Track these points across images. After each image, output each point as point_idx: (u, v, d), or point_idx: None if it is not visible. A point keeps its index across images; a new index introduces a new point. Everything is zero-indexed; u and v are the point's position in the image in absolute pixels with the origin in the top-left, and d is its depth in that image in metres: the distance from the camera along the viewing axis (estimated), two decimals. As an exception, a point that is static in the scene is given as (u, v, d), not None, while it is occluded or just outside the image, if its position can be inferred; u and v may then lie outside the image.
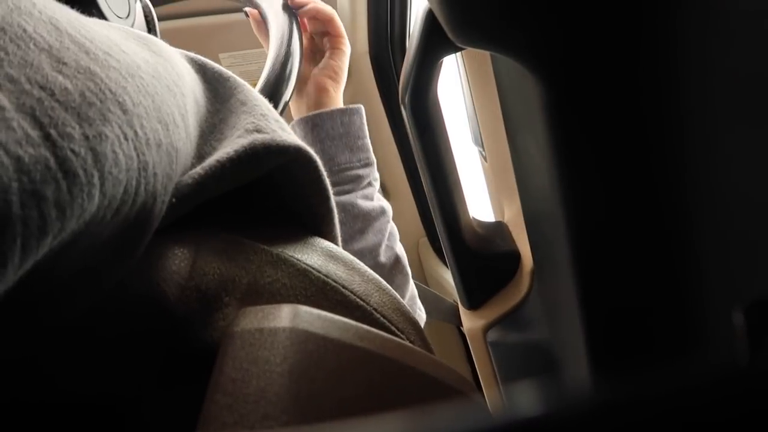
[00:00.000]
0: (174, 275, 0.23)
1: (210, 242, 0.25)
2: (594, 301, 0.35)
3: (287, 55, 0.61)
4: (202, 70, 0.30)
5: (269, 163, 0.27)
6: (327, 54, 0.71)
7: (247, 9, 0.70)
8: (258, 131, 0.27)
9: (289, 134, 0.28)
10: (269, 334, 0.20)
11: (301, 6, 0.67)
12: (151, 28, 0.59)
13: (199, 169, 0.24)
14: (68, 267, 0.18)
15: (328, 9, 0.69)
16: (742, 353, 0.15)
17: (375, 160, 0.70)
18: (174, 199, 0.23)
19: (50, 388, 0.20)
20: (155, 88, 0.21)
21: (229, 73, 0.31)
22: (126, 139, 0.18)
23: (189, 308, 0.22)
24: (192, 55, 0.30)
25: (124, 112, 0.18)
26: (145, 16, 0.58)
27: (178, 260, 0.23)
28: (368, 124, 1.35)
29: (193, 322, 0.22)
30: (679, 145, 0.28)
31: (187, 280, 0.23)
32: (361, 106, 0.70)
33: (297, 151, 0.28)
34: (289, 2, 0.66)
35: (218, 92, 0.29)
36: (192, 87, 0.27)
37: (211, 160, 0.25)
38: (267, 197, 0.30)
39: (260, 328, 0.20)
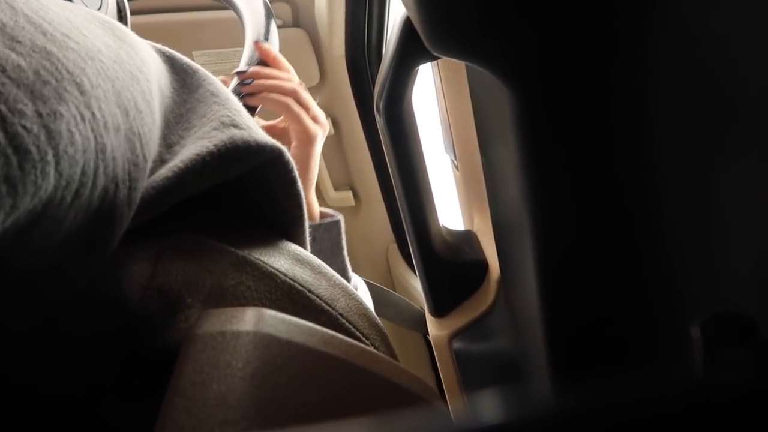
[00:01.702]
0: (136, 275, 0.22)
1: (174, 242, 0.24)
2: (557, 312, 0.36)
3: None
4: (170, 61, 0.29)
5: (248, 162, 0.26)
6: (293, 146, 0.59)
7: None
8: (235, 126, 0.26)
9: (263, 133, 0.28)
10: (232, 337, 0.20)
11: (255, 82, 0.56)
12: (122, 17, 0.58)
13: (178, 162, 0.24)
14: (30, 258, 0.18)
15: (282, 98, 0.57)
16: (698, 366, 0.15)
17: (352, 277, 0.58)
18: (153, 191, 0.22)
19: (4, 388, 0.20)
20: (116, 73, 0.21)
21: (198, 66, 0.30)
22: (83, 119, 0.18)
23: (150, 309, 0.22)
24: (160, 46, 0.30)
25: (82, 93, 0.18)
26: (118, 8, 0.57)
27: (141, 260, 0.23)
28: (342, 129, 1.33)
29: (154, 323, 0.22)
30: (650, 161, 0.29)
31: (149, 281, 0.22)
32: (340, 218, 0.58)
33: (274, 151, 0.27)
34: (250, 73, 0.56)
35: (186, 82, 0.29)
36: (157, 76, 0.26)
37: (189, 153, 0.24)
38: (236, 197, 0.29)
39: (223, 331, 0.20)
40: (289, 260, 0.28)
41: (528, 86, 0.29)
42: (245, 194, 0.29)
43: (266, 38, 0.62)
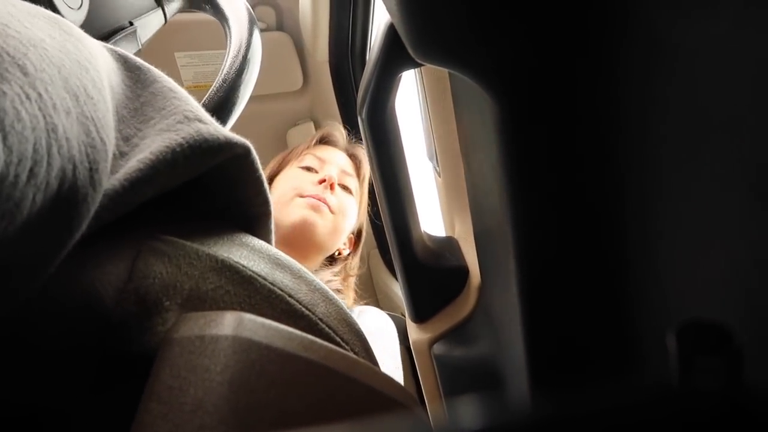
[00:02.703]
0: (112, 276, 0.22)
1: (151, 244, 0.24)
2: (538, 319, 0.36)
3: (243, 63, 0.60)
4: (123, 59, 0.30)
5: (217, 156, 0.26)
6: None
7: None
8: (200, 121, 0.26)
9: (228, 131, 0.28)
10: (210, 341, 0.20)
11: None
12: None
13: (148, 154, 0.23)
14: None
15: None
16: (674, 374, 0.15)
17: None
18: (126, 183, 0.22)
19: None
20: (62, 61, 0.21)
21: (152, 66, 0.31)
22: (29, 98, 0.18)
23: (126, 312, 0.22)
24: (112, 46, 0.30)
25: (25, 74, 0.18)
26: None
27: (117, 261, 0.23)
28: (324, 133, 1.31)
29: (130, 327, 0.22)
30: (634, 172, 0.29)
31: (125, 283, 0.22)
32: None
33: (241, 148, 0.27)
34: None
35: (139, 78, 0.29)
36: (107, 72, 0.26)
37: (158, 146, 0.24)
38: (205, 196, 0.29)
39: (201, 335, 0.20)
40: (269, 264, 0.28)
41: (512, 96, 0.29)
42: (209, 195, 0.29)
43: (249, 44, 0.61)
